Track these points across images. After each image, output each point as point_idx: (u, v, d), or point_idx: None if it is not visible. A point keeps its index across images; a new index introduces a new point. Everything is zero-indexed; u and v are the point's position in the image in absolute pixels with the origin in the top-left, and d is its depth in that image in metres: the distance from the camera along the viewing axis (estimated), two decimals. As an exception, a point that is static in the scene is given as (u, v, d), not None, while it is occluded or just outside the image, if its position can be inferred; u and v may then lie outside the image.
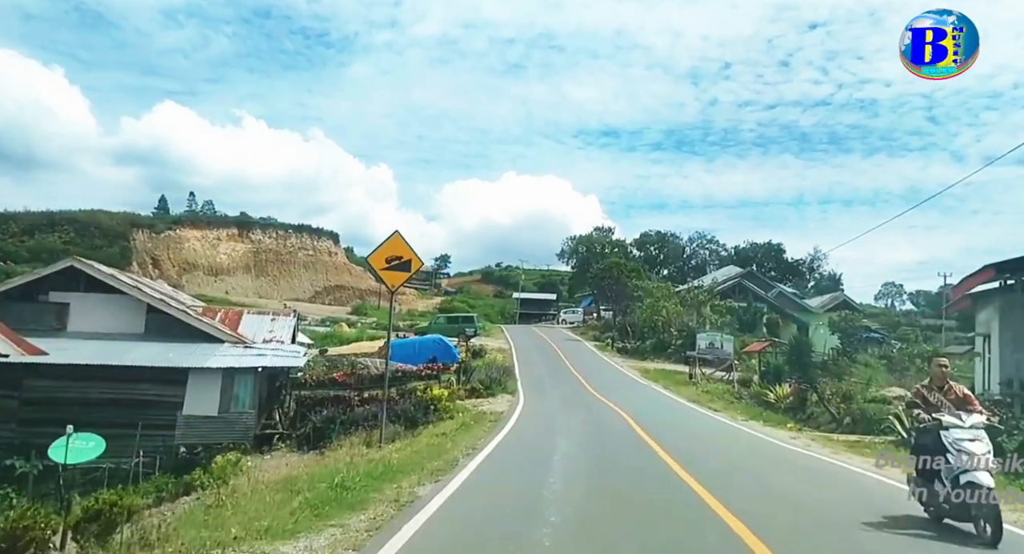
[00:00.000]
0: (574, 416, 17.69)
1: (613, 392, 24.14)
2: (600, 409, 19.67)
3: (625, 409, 18.92)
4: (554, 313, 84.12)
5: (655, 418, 17.31)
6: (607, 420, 16.88)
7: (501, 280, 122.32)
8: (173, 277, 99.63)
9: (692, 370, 30.18)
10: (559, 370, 33.51)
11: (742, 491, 8.01)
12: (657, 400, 23.99)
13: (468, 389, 23.67)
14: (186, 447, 17.97)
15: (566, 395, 23.72)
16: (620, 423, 16.18)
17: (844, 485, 9.53)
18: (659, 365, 38.68)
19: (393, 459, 10.23)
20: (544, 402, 21.81)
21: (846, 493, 8.80)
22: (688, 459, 10.45)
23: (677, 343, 42.06)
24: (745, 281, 48.16)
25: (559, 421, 16.65)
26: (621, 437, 13.84)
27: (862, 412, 18.11)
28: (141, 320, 20.47)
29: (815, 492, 8.70)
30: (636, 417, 16.86)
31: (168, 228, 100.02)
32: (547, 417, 17.89)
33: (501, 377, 26.26)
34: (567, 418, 17.22)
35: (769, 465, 11.26)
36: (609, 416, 17.76)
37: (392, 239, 12.48)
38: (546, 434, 13.98)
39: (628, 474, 9.40)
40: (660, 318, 42.40)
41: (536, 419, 17.50)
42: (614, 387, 26.35)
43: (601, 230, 71.57)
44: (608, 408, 19.73)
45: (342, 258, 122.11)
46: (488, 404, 21.41)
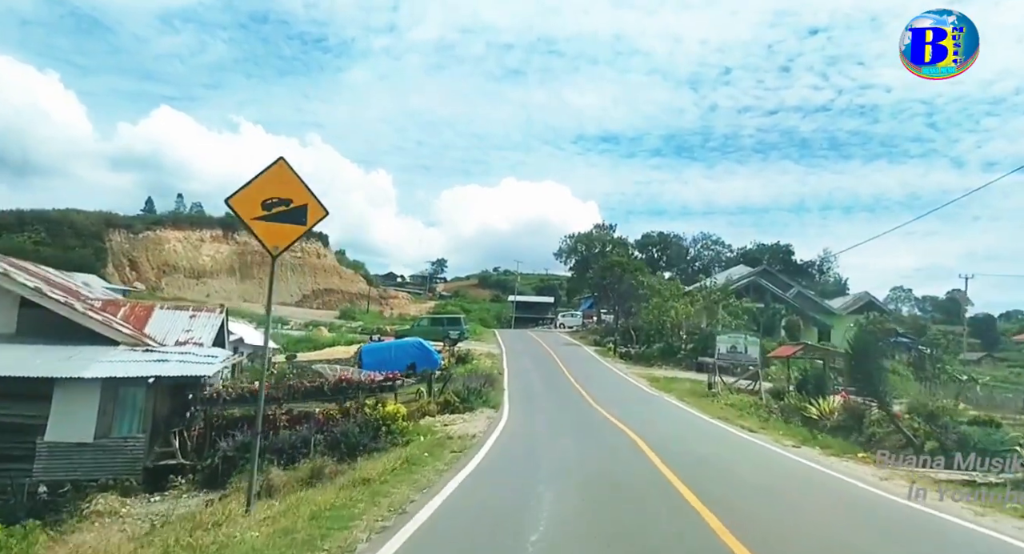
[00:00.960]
0: (571, 442, 13.11)
1: (620, 407, 19.52)
2: (606, 431, 15.05)
3: (638, 431, 14.33)
4: (551, 317, 79.55)
5: (682, 447, 12.70)
6: (618, 450, 12.27)
7: (498, 284, 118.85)
8: (152, 280, 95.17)
9: (712, 379, 25.53)
10: (554, 378, 28.89)
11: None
12: (676, 417, 19.37)
13: (441, 402, 19.05)
14: (48, 485, 13.34)
15: (562, 411, 19.11)
16: (636, 455, 11.57)
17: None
18: (668, 372, 34.09)
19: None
20: (533, 420, 17.19)
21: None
22: (760, 535, 5.93)
23: (688, 348, 37.48)
24: (761, 280, 43.56)
25: (550, 451, 12.08)
26: (639, 479, 9.29)
27: (961, 437, 13.48)
28: (12, 316, 15.83)
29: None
30: (656, 445, 12.27)
31: (147, 228, 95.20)
32: (534, 443, 13.30)
33: (483, 387, 21.63)
34: (562, 446, 12.64)
35: (902, 548, 6.65)
36: (620, 443, 13.15)
37: (274, 170, 7.89)
38: (527, 474, 9.43)
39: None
40: (669, 319, 37.81)
41: (519, 446, 12.92)
42: (621, 400, 21.75)
43: (602, 227, 67.14)
44: (617, 430, 15.12)
45: (332, 261, 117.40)
46: (462, 423, 16.79)
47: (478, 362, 34.73)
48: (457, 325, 40.59)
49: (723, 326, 36.61)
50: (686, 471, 9.65)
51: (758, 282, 42.58)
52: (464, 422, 16.90)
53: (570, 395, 23.00)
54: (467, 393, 19.82)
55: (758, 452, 13.41)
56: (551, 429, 15.39)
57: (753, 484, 9.66)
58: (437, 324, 40.64)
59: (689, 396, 24.19)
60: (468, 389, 20.18)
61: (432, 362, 29.87)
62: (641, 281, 44.06)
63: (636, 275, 47.80)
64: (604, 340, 48.16)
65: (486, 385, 22.19)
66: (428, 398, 19.49)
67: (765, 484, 9.79)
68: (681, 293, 40.19)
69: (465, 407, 18.93)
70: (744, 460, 12.05)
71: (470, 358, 34.82)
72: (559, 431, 14.83)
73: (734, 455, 12.63)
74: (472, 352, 38.33)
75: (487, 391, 21.60)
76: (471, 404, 19.29)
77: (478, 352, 39.27)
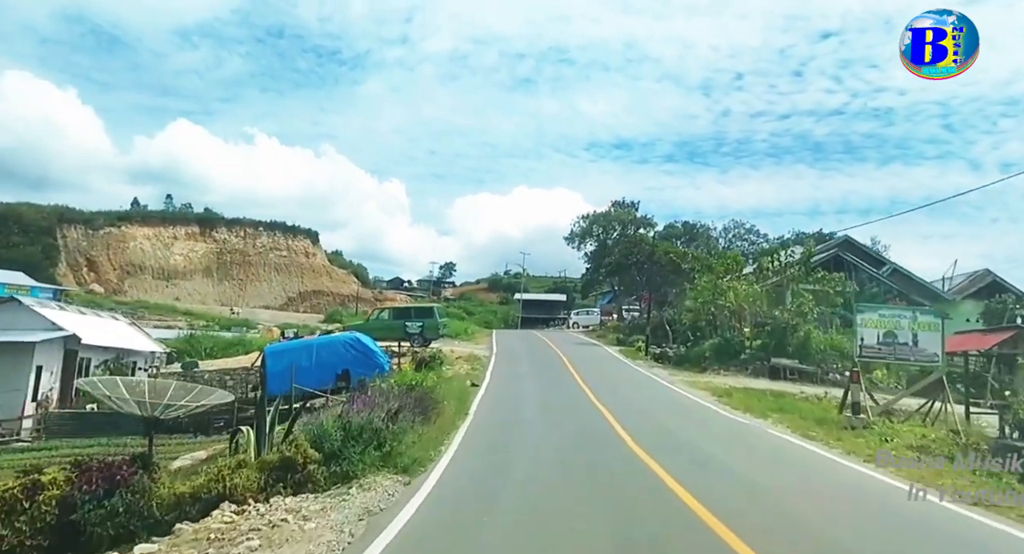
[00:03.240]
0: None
1: (718, 472, 8.25)
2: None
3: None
4: (564, 317, 67.99)
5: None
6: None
7: (508, 288, 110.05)
8: (112, 281, 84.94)
9: (854, 395, 13.60)
10: (564, 394, 17.67)
11: None
12: (875, 509, 7.80)
13: (278, 464, 7.81)
14: None
15: (589, 487, 7.84)
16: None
17: None
18: (733, 380, 22.76)
19: None
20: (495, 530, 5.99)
21: None
22: None
23: (755, 345, 26.04)
24: (845, 254, 31.96)
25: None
26: None
27: None
28: None
29: None
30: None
31: (110, 225, 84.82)
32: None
33: (411, 419, 10.39)
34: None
35: None
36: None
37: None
38: None
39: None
40: (727, 305, 26.35)
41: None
42: (698, 446, 10.49)
43: (621, 205, 55.37)
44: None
45: (321, 260, 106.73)
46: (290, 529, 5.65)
47: (450, 369, 23.60)
48: (430, 317, 29.36)
49: (810, 307, 25.16)
50: None
51: (841, 257, 30.98)
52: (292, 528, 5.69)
53: (596, 435, 11.71)
54: (353, 441, 8.55)
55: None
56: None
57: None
58: (403, 316, 29.43)
59: (815, 428, 12.78)
60: (361, 430, 8.89)
61: (374, 367, 19.17)
62: (684, 253, 32.65)
63: (668, 251, 36.37)
64: (630, 338, 36.79)
65: (418, 413, 10.92)
66: (246, 454, 8.24)
67: None
68: (742, 267, 28.67)
69: (332, 479, 7.71)
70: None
71: (440, 362, 23.71)
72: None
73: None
74: (448, 354, 27.18)
75: (418, 428, 10.38)
76: (353, 468, 8.05)
77: (459, 354, 28.11)
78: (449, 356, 26.94)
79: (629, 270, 38.74)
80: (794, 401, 17.23)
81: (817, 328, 25.85)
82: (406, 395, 11.42)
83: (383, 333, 27.00)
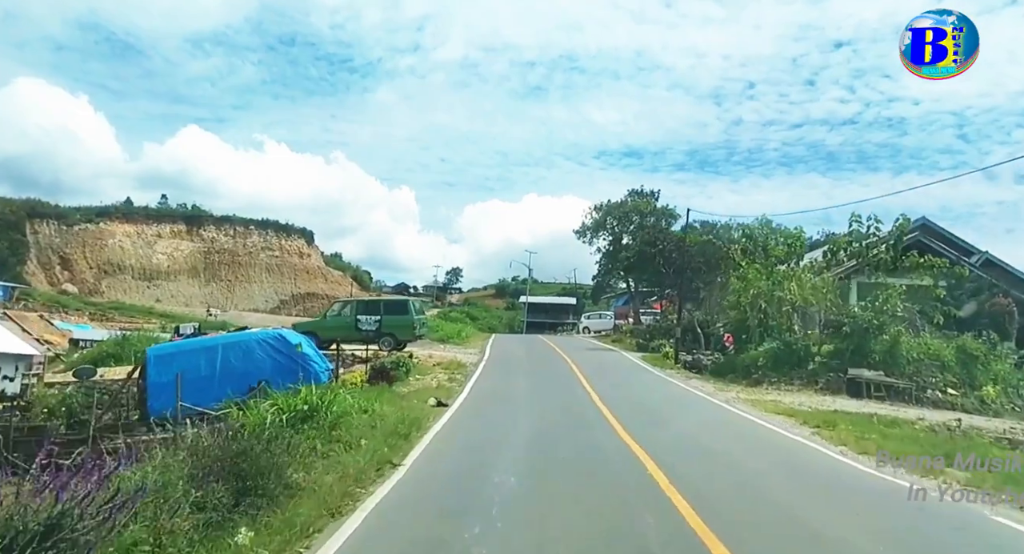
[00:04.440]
0: None
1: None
2: None
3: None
4: (573, 322, 61.61)
5: None
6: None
7: (516, 293, 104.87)
8: (88, 281, 79.34)
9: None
10: (575, 418, 11.48)
11: None
12: None
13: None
14: None
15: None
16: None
17: None
18: (806, 397, 16.59)
19: None
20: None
21: None
22: None
23: (824, 351, 19.78)
24: (927, 239, 25.47)
25: None
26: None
27: None
28: None
29: None
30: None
31: (86, 220, 79.14)
32: None
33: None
34: None
35: None
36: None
37: None
38: None
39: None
40: (789, 298, 19.98)
41: None
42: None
43: (640, 195, 48.66)
44: None
45: (316, 260, 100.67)
46: None
47: (419, 380, 17.49)
48: (402, 312, 23.06)
49: (900, 303, 18.90)
50: None
51: (924, 243, 24.46)
52: None
53: (651, 529, 5.46)
54: None
55: None
56: None
57: None
58: (370, 311, 23.22)
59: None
60: None
61: (306, 376, 13.14)
62: (719, 242, 26.35)
63: (697, 241, 30.09)
64: (653, 343, 30.53)
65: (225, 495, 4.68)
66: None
67: None
68: (803, 250, 22.16)
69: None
70: None
71: (407, 370, 17.56)
72: None
73: None
74: (425, 361, 21.14)
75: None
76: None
77: (438, 359, 22.00)
78: (424, 363, 20.83)
79: (653, 261, 32.42)
80: (903, 428, 11.01)
81: (908, 330, 19.59)
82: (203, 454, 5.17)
83: (341, 333, 20.86)
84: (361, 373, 16.54)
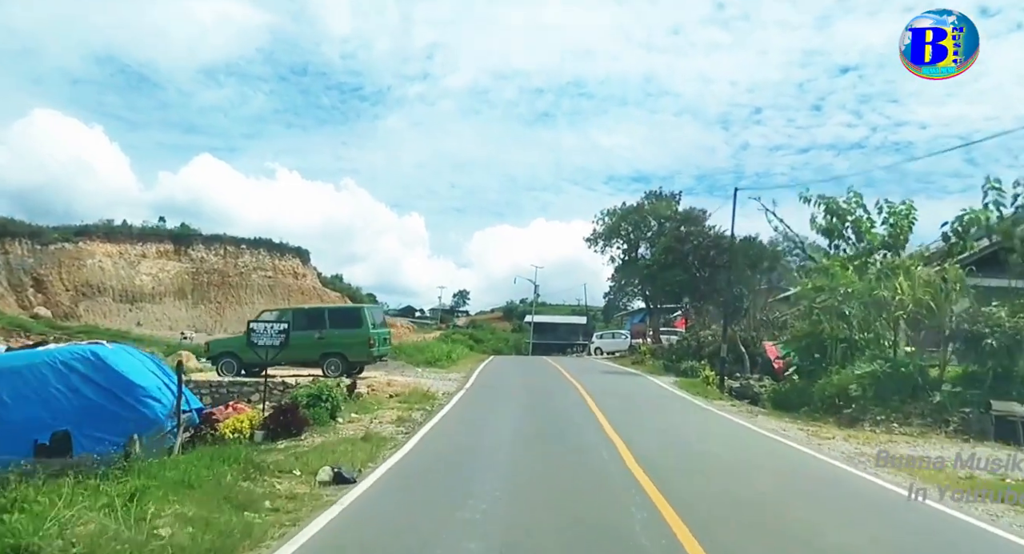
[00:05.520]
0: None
1: None
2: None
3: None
4: (584, 343, 55.39)
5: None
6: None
7: (524, 315, 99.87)
8: (64, 304, 74.08)
9: None
10: (606, 535, 5.51)
11: None
12: None
13: None
14: None
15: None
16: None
17: None
18: (938, 447, 10.49)
19: None
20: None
21: None
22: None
23: (949, 376, 13.70)
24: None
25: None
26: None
27: None
28: None
29: None
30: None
31: (63, 239, 74.08)
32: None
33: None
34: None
35: None
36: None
37: None
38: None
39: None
40: (898, 299, 13.90)
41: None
42: None
43: (658, 197, 42.55)
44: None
45: (312, 281, 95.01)
46: None
47: (346, 424, 11.56)
48: (348, 326, 17.19)
49: None
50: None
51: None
52: None
53: None
54: None
55: None
56: None
57: None
58: (313, 324, 17.39)
59: None
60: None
61: (138, 423, 7.07)
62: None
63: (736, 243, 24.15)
64: (683, 365, 24.47)
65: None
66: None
67: None
68: (906, 238, 15.97)
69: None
70: None
71: (335, 406, 11.65)
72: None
73: None
74: (379, 390, 15.27)
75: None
76: None
77: (398, 388, 16.02)
78: (378, 393, 14.94)
79: (684, 261, 26.36)
80: None
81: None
82: None
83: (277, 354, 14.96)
84: (254, 414, 10.65)
